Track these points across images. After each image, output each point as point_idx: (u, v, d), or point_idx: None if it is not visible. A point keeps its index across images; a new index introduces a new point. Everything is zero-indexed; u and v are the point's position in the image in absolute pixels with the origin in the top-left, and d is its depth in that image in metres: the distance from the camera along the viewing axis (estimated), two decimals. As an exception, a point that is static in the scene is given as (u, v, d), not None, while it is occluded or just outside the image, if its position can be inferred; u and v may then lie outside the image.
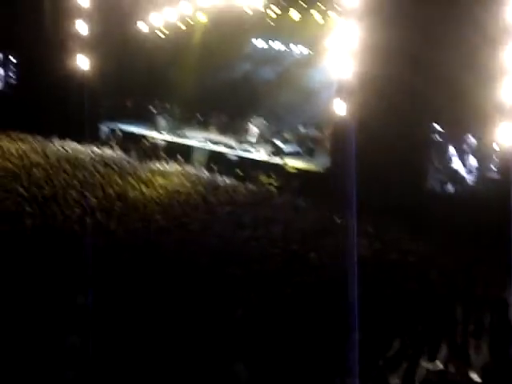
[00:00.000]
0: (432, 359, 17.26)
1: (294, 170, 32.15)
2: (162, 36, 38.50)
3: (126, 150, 35.04)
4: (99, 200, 25.73)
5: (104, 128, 37.95)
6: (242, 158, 33.86)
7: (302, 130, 36.82)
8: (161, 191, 28.22)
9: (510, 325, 18.75)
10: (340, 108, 26.46)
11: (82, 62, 34.93)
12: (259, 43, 39.17)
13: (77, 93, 33.07)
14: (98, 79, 35.43)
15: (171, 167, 32.69)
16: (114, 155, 34.01)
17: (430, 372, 16.27)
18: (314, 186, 29.65)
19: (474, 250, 23.78)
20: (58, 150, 33.72)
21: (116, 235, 22.35)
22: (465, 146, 28.66)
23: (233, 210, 26.76)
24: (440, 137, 28.71)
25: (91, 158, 32.50)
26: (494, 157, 27.25)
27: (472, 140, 28.53)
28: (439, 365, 16.92)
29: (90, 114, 33.81)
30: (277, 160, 33.09)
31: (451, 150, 28.87)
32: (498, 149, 26.13)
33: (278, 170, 32.36)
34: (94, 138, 36.18)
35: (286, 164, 32.39)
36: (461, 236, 24.55)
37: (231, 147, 34.98)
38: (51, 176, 28.43)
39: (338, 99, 27.26)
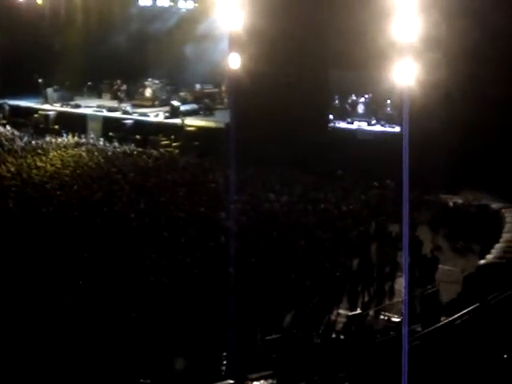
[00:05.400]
0: (351, 306, 17.40)
1: (193, 129, 31.69)
2: (42, 4, 37.18)
3: (16, 126, 33.75)
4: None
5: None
6: (139, 123, 33.16)
7: (198, 87, 36.31)
8: (58, 165, 27.24)
9: (424, 262, 19.03)
10: (234, 62, 25.93)
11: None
12: (144, 1, 38.07)
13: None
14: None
15: (66, 139, 31.66)
16: (4, 132, 32.68)
17: (349, 318, 16.33)
18: (215, 143, 29.19)
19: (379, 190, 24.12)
20: None
21: (13, 214, 21.50)
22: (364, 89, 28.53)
23: (135, 176, 26.14)
24: (340, 82, 28.49)
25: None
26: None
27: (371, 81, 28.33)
28: (358, 311, 17.05)
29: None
30: (175, 120, 32.52)
31: (351, 94, 28.70)
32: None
33: (178, 130, 31.83)
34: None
35: (184, 124, 31.87)
36: (364, 178, 24.75)
37: (127, 112, 34.16)
38: None
39: (232, 53, 26.68)
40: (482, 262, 18.13)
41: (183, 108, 33.74)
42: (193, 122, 32.16)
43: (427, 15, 18.91)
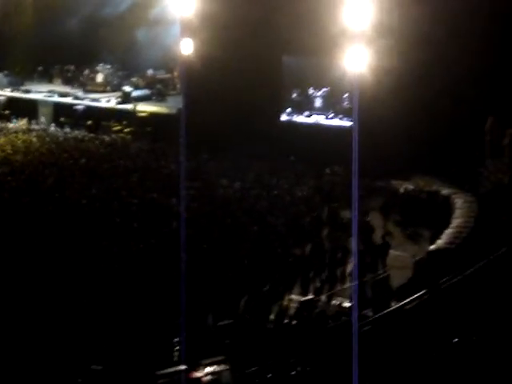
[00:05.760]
0: (304, 291, 17.44)
1: (146, 115, 31.45)
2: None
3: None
4: None
5: None
6: (91, 108, 32.79)
7: (150, 72, 36.00)
8: (9, 151, 26.87)
9: (375, 247, 19.17)
10: (186, 47, 25.74)
11: None
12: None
13: None
14: None
15: (17, 124, 31.33)
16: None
17: (301, 303, 16.38)
18: (167, 128, 28.99)
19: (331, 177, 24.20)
20: None
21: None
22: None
23: (87, 162, 25.87)
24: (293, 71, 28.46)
25: None
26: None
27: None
28: (310, 296, 17.10)
29: None
30: (127, 106, 32.23)
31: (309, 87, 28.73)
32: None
33: (130, 116, 31.56)
34: None
35: (137, 109, 31.60)
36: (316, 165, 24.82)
37: (78, 98, 33.76)
38: None
39: (184, 38, 26.49)
40: (433, 247, 18.33)
41: (135, 94, 33.45)
42: (145, 108, 31.91)
43: (379, 2, 18.94)
